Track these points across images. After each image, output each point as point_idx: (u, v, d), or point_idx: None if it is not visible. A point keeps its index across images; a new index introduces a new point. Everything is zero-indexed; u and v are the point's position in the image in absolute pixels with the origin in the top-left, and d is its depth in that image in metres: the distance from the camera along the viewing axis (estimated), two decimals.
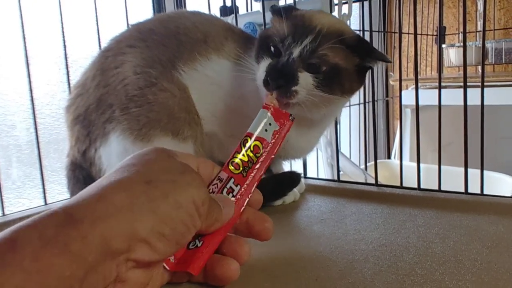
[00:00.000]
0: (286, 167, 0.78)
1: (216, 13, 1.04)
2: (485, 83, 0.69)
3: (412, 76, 1.34)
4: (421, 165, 0.72)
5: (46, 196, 0.78)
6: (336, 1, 0.87)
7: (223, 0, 1.05)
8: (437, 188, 0.71)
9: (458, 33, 1.99)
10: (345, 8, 0.86)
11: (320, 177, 0.98)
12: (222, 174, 0.44)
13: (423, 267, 0.44)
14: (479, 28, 1.91)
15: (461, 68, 0.71)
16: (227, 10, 1.04)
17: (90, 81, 0.64)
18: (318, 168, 1.34)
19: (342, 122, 1.62)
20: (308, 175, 0.89)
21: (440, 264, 0.45)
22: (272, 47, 0.58)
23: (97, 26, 0.86)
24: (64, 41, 0.82)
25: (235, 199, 0.43)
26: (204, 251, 0.40)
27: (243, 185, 0.44)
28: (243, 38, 0.67)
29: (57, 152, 1.01)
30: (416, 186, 0.72)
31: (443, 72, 1.92)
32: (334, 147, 1.02)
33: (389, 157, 2.00)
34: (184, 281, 0.42)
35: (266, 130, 0.46)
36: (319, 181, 0.83)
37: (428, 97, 1.13)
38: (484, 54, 1.06)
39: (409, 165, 0.89)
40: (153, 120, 0.60)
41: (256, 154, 0.45)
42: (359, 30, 0.82)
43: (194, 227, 0.38)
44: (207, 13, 0.81)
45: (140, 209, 0.35)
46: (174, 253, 0.40)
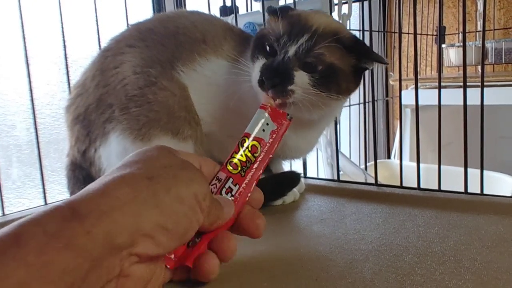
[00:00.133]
0: (286, 167, 0.78)
1: (216, 13, 1.04)
2: (485, 83, 0.69)
3: (412, 76, 1.34)
4: (421, 165, 0.73)
5: (46, 196, 0.78)
6: (336, 1, 0.87)
7: (223, 0, 1.05)
8: (437, 188, 0.71)
9: (458, 33, 1.99)
10: (345, 8, 0.86)
11: (320, 177, 0.98)
12: (221, 174, 0.45)
13: (423, 267, 0.44)
14: (479, 28, 1.91)
15: (461, 68, 0.70)
16: (227, 10, 1.04)
17: (90, 81, 0.64)
18: (318, 168, 1.34)
19: (342, 122, 1.62)
20: (308, 175, 0.89)
21: (440, 264, 0.45)
22: (268, 46, 0.57)
23: (97, 26, 0.86)
24: (64, 41, 0.82)
25: (234, 199, 0.44)
26: (201, 247, 0.41)
27: (242, 185, 0.44)
28: (243, 38, 0.67)
29: (57, 152, 1.01)
30: (416, 186, 0.72)
31: (443, 72, 1.92)
32: (334, 147, 1.02)
33: (389, 157, 2.00)
34: (184, 279, 0.42)
35: (264, 130, 0.47)
36: (319, 181, 0.83)
37: (428, 97, 1.13)
38: (484, 54, 1.06)
39: (409, 165, 0.90)
40: (153, 120, 0.60)
41: (254, 154, 0.45)
42: (359, 30, 0.82)
43: (197, 222, 0.38)
44: (207, 13, 0.81)
45: (144, 204, 0.35)
46: (175, 251, 0.40)
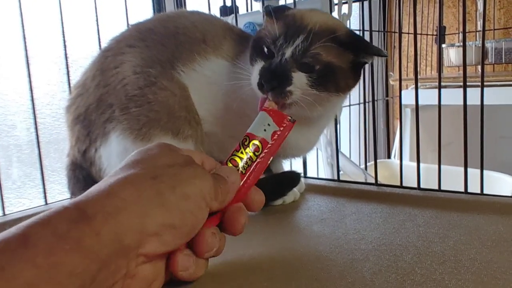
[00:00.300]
0: (286, 167, 0.79)
1: (216, 13, 1.04)
2: (485, 83, 0.69)
3: (412, 76, 1.34)
4: (421, 165, 0.73)
5: (47, 196, 0.78)
6: (336, 1, 0.87)
7: (223, 0, 1.05)
8: (437, 188, 0.71)
9: (458, 33, 1.99)
10: (345, 8, 0.86)
11: (320, 177, 0.98)
12: None
13: (423, 267, 0.44)
14: (479, 28, 1.91)
15: (461, 68, 0.70)
16: (227, 10, 1.04)
17: (90, 81, 0.64)
18: (318, 168, 1.34)
19: (342, 122, 1.62)
20: (308, 175, 0.89)
21: (440, 264, 0.45)
22: (265, 49, 0.58)
23: (97, 26, 0.86)
24: (64, 41, 0.82)
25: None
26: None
27: (241, 182, 0.44)
28: (243, 38, 0.67)
29: (58, 152, 1.01)
30: (416, 186, 0.72)
31: (443, 72, 1.92)
32: (334, 147, 1.02)
33: (389, 157, 2.00)
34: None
35: (265, 130, 0.47)
36: (319, 181, 0.83)
37: (428, 97, 1.13)
38: (484, 54, 1.06)
39: (409, 165, 0.90)
40: (153, 120, 0.60)
41: (256, 153, 0.46)
42: (359, 30, 0.82)
43: (203, 218, 0.39)
44: (207, 13, 0.81)
45: (149, 204, 0.35)
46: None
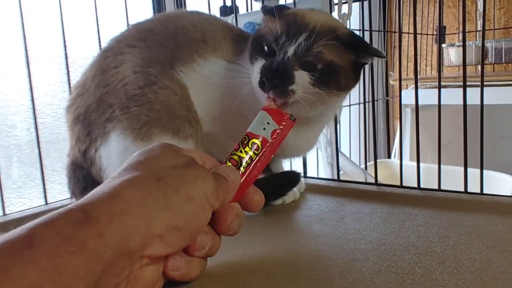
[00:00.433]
0: (286, 166, 0.79)
1: (216, 13, 1.04)
2: (485, 83, 0.69)
3: (412, 76, 1.34)
4: (421, 165, 0.73)
5: (47, 196, 0.78)
6: (336, 1, 0.87)
7: (223, 0, 1.05)
8: (437, 188, 0.71)
9: (458, 33, 1.99)
10: (345, 8, 0.86)
11: (320, 177, 0.98)
12: None
13: (423, 266, 0.44)
14: (479, 28, 1.91)
15: (461, 68, 0.70)
16: (227, 10, 1.04)
17: (90, 81, 0.64)
18: (318, 168, 1.34)
19: (342, 122, 1.62)
20: (308, 175, 0.89)
21: (440, 263, 0.45)
22: (266, 47, 0.57)
23: (97, 26, 0.86)
24: (64, 41, 0.82)
25: None
26: None
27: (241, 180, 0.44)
28: (242, 38, 0.67)
29: (58, 152, 1.01)
30: (416, 186, 0.72)
31: (443, 72, 1.92)
32: (334, 147, 1.02)
33: (389, 157, 2.00)
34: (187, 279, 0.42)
35: (265, 129, 0.47)
36: (319, 181, 0.83)
37: (428, 97, 1.13)
38: (484, 54, 1.05)
39: (409, 165, 0.90)
40: (154, 119, 0.60)
41: (255, 152, 0.46)
42: (359, 30, 0.82)
43: (206, 219, 0.39)
44: (207, 13, 0.81)
45: (154, 206, 0.35)
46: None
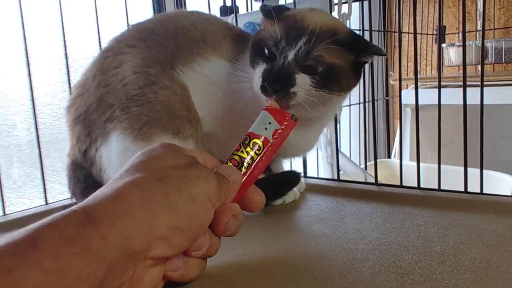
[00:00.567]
0: (286, 166, 0.79)
1: (216, 13, 1.04)
2: (485, 83, 0.69)
3: (412, 76, 1.34)
4: (421, 164, 0.73)
5: (47, 196, 0.78)
6: (336, 1, 0.87)
7: (223, 0, 1.05)
8: (437, 187, 0.71)
9: (458, 33, 1.99)
10: (345, 8, 0.86)
11: (320, 177, 0.98)
12: None
13: (423, 266, 0.44)
14: (479, 28, 1.91)
15: (461, 68, 0.70)
16: (227, 10, 1.04)
17: (91, 81, 0.64)
18: (318, 168, 1.34)
19: (342, 122, 1.62)
20: (308, 175, 0.89)
21: (440, 263, 0.45)
22: (266, 51, 0.57)
23: (97, 26, 0.86)
24: (65, 41, 0.82)
25: None
26: None
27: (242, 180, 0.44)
28: (242, 38, 0.67)
29: (58, 152, 1.01)
30: (416, 185, 0.72)
31: (443, 72, 1.92)
32: (334, 147, 1.02)
33: (389, 157, 2.00)
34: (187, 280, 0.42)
35: (266, 129, 0.47)
36: (319, 181, 0.83)
37: (428, 97, 1.13)
38: (484, 54, 1.06)
39: (409, 165, 0.90)
40: (154, 119, 0.61)
41: (257, 152, 0.46)
42: (359, 30, 0.82)
43: (209, 219, 0.39)
44: (207, 13, 0.81)
45: (156, 207, 0.35)
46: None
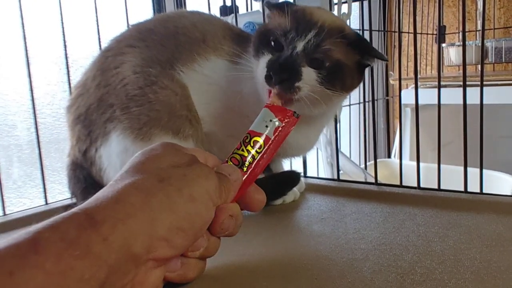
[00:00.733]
0: (286, 166, 0.79)
1: (216, 13, 1.04)
2: (485, 82, 0.69)
3: (412, 75, 1.34)
4: (421, 164, 0.73)
5: (47, 196, 0.78)
6: (336, 0, 0.87)
7: (223, 0, 1.06)
8: (437, 187, 0.71)
9: (458, 32, 1.99)
10: (345, 8, 0.86)
11: (320, 176, 0.98)
12: None
13: (423, 266, 0.44)
14: (479, 27, 1.91)
15: (461, 67, 0.71)
16: (227, 10, 1.04)
17: (91, 81, 0.64)
18: (318, 167, 1.34)
19: (342, 121, 1.62)
20: (308, 174, 0.89)
21: (440, 263, 0.45)
22: (273, 42, 0.57)
23: (97, 26, 0.86)
24: (65, 41, 0.82)
25: None
26: None
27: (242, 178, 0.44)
28: (242, 38, 0.67)
29: (58, 152, 1.01)
30: (416, 185, 0.72)
31: (443, 71, 1.92)
32: (334, 146, 1.02)
33: (389, 156, 2.00)
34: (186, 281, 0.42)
35: (267, 126, 0.46)
36: (319, 180, 0.83)
37: (428, 96, 1.13)
38: (484, 53, 1.06)
39: (409, 164, 0.90)
40: (154, 119, 0.61)
41: (257, 150, 0.45)
42: (359, 29, 0.82)
43: (210, 218, 0.39)
44: (207, 13, 0.81)
45: (158, 208, 0.35)
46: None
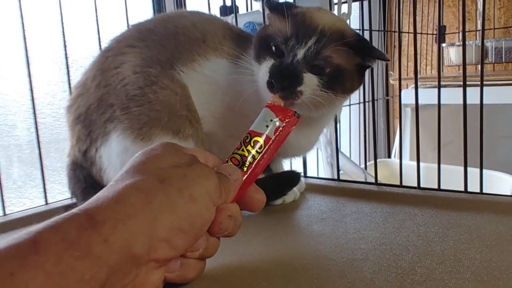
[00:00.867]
0: (286, 166, 0.79)
1: (216, 13, 1.04)
2: (485, 82, 0.69)
3: (412, 75, 1.34)
4: (421, 164, 0.73)
5: (47, 196, 0.78)
6: (336, 0, 0.87)
7: (223, 0, 1.06)
8: (437, 187, 0.71)
9: (458, 32, 1.99)
10: (345, 8, 0.86)
11: (320, 176, 0.98)
12: None
13: (423, 266, 0.44)
14: (479, 27, 1.91)
15: (461, 67, 0.71)
16: (227, 10, 1.04)
17: (91, 81, 0.64)
18: (318, 167, 1.34)
19: (342, 121, 1.62)
20: (308, 174, 0.89)
21: (440, 263, 0.45)
22: (274, 47, 0.57)
23: (97, 26, 0.86)
24: (65, 41, 0.82)
25: None
26: None
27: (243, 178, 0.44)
28: (242, 38, 0.67)
29: (58, 152, 1.01)
30: (416, 185, 0.72)
31: (443, 71, 1.92)
32: (334, 146, 1.02)
33: (389, 156, 2.00)
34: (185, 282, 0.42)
35: (267, 126, 0.46)
36: (319, 180, 0.83)
37: (428, 96, 1.13)
38: (484, 53, 1.06)
39: (409, 164, 0.90)
40: (154, 119, 0.61)
41: (258, 150, 0.45)
42: (359, 30, 0.82)
43: (211, 218, 0.39)
44: (207, 13, 0.81)
45: (158, 209, 0.35)
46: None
